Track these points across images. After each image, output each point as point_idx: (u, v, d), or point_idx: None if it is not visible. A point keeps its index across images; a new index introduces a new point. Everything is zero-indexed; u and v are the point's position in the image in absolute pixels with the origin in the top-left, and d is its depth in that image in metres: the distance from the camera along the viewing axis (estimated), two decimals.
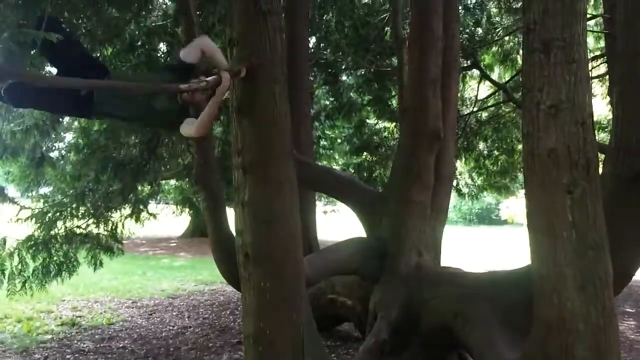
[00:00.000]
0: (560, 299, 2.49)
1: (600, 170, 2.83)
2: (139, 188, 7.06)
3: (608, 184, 3.01)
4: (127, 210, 6.71)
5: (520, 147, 9.73)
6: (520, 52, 10.52)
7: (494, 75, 9.63)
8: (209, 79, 2.64)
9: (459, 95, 7.38)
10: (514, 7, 8.94)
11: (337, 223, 17.81)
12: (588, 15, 8.65)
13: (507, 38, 9.67)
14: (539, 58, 2.50)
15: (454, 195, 10.25)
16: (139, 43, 6.20)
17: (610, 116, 5.90)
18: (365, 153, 9.45)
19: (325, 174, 5.21)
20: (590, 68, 9.83)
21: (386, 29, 7.50)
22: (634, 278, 8.58)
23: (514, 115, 9.00)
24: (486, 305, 3.54)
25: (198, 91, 2.68)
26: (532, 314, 2.70)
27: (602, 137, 8.69)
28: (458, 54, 5.15)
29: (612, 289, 2.48)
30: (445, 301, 3.87)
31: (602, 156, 3.43)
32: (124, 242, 6.65)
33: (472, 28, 7.91)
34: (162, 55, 6.62)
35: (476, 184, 9.86)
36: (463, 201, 17.53)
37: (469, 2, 8.15)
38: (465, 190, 10.02)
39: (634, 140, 2.92)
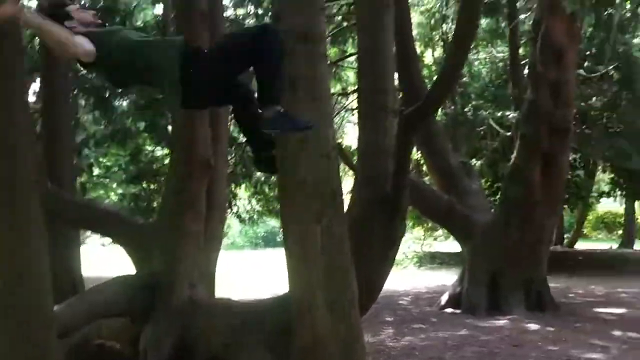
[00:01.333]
0: (314, 320, 2.64)
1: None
2: None
3: (357, 208, 3.30)
4: None
5: None
6: None
7: None
8: None
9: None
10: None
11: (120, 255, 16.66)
12: (351, 52, 9.61)
13: None
14: (286, 95, 2.64)
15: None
16: None
17: None
18: (142, 182, 9.04)
19: (85, 209, 4.81)
20: (350, 101, 10.97)
21: None
22: (393, 288, 9.45)
23: None
24: (254, 333, 3.59)
25: None
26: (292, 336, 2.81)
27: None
28: None
29: (358, 307, 2.70)
30: (217, 332, 3.84)
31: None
32: None
33: None
34: None
35: (255, 210, 10.13)
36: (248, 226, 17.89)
37: None
38: (245, 215, 10.22)
39: (377, 169, 3.25)
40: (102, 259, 13.48)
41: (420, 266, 15.00)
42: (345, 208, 3.22)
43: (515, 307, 7.24)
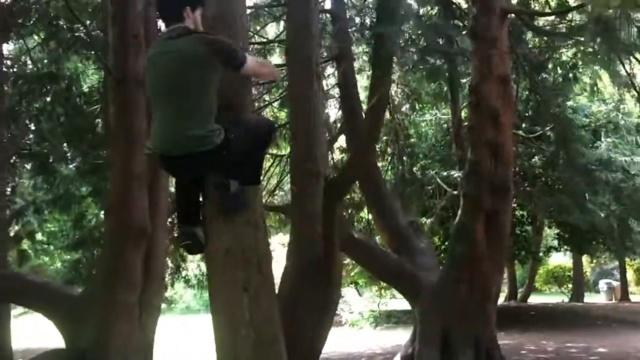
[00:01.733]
0: None
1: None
2: None
3: (290, 274, 3.26)
4: None
5: None
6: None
7: None
8: None
9: None
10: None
11: None
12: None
13: None
14: None
15: None
16: None
17: None
18: (85, 248, 8.73)
19: (8, 281, 4.58)
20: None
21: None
22: (347, 351, 9.31)
23: None
24: None
25: None
26: None
27: None
28: None
29: None
30: None
31: None
32: None
33: None
34: None
35: (204, 274, 9.90)
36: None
37: None
38: (194, 280, 9.96)
39: (308, 234, 3.24)
40: (46, 329, 12.78)
41: (376, 326, 14.84)
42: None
43: None
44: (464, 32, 8.72)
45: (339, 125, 9.96)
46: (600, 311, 16.42)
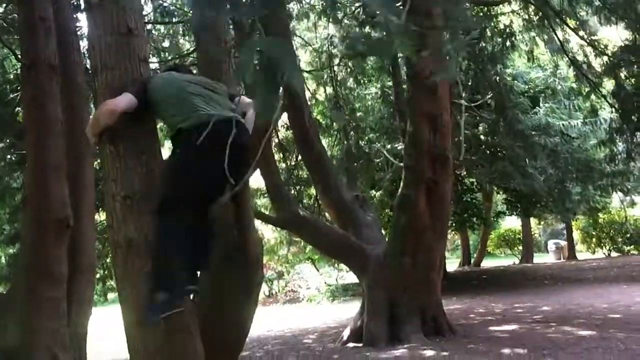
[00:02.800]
0: None
1: None
2: None
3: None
4: None
5: None
6: None
7: None
8: None
9: None
10: None
11: None
12: None
13: None
14: (109, 150, 2.53)
15: None
16: None
17: None
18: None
19: None
20: None
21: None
22: (302, 326, 9.23)
23: None
24: None
25: None
26: None
27: None
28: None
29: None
30: None
31: None
32: None
33: None
34: None
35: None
36: None
37: None
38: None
39: (224, 223, 3.15)
40: None
41: (333, 300, 15.01)
42: None
43: (413, 335, 7.32)
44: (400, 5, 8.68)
45: None
46: (548, 271, 17.06)
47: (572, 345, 6.37)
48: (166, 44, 9.73)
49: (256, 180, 10.28)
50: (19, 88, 6.90)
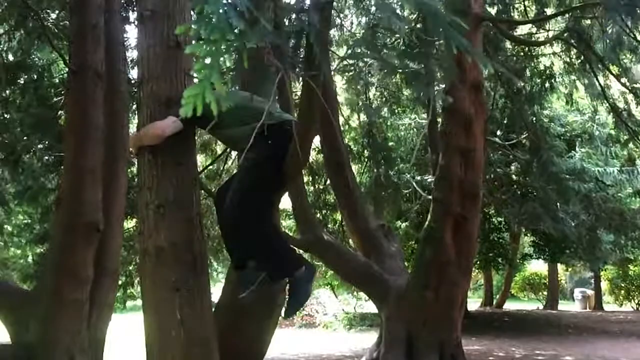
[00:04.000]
0: None
1: None
2: None
3: (234, 278, 3.19)
4: None
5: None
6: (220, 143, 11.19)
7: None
8: None
9: None
10: None
11: None
12: None
13: None
14: (148, 158, 2.57)
15: None
16: None
17: None
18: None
19: None
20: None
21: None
22: (317, 352, 9.22)
23: (209, 203, 9.35)
24: None
25: None
26: None
27: None
28: (127, 144, 5.11)
29: None
30: None
31: None
32: None
33: None
34: None
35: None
36: None
37: None
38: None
39: None
40: None
41: (350, 328, 14.81)
42: None
43: None
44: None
45: None
46: (573, 319, 16.56)
47: None
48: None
49: (283, 201, 10.33)
50: (62, 92, 7.12)
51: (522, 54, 10.22)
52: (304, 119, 2.33)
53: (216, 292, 3.63)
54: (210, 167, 9.59)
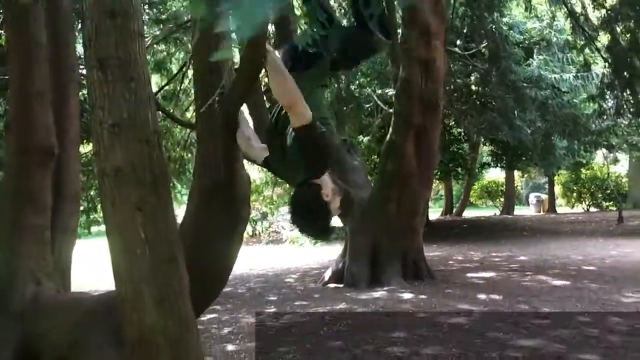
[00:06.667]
0: (140, 316, 2.51)
1: None
2: None
3: (196, 196, 3.17)
4: None
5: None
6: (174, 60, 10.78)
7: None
8: None
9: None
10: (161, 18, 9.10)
11: None
12: None
13: (158, 47, 9.78)
14: (97, 76, 2.45)
15: None
16: None
17: None
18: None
19: None
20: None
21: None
22: (285, 267, 9.50)
23: (169, 125, 9.16)
24: (101, 329, 3.39)
25: None
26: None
27: None
28: (75, 64, 4.87)
29: (188, 298, 2.60)
30: (62, 332, 3.57)
31: None
32: None
33: None
34: None
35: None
36: None
37: None
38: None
39: (213, 155, 3.11)
40: None
41: (315, 243, 15.21)
42: None
43: (393, 278, 7.50)
44: None
45: None
46: (527, 223, 17.43)
47: (545, 293, 6.58)
48: None
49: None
50: (1, 11, 6.63)
51: None
52: None
53: (180, 214, 3.63)
54: (167, 87, 9.28)
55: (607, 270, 8.23)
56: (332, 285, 7.95)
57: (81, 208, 9.69)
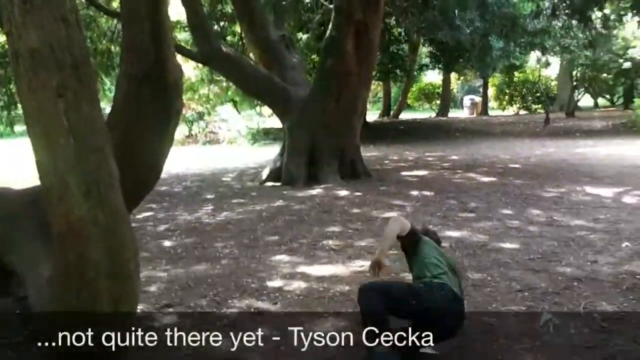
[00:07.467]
0: (67, 208, 2.40)
1: None
2: None
3: (124, 84, 2.99)
4: None
5: None
6: None
7: None
8: None
9: None
10: None
11: None
12: None
13: None
14: None
15: None
16: None
17: None
18: None
19: None
20: None
21: None
22: (221, 166, 9.42)
23: (93, 14, 8.49)
24: (29, 222, 3.28)
25: None
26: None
27: None
28: None
29: (119, 190, 2.51)
30: None
31: None
32: None
33: None
34: None
35: None
36: None
37: None
38: None
39: (140, 40, 2.90)
40: None
41: (253, 143, 15.12)
42: None
43: (331, 176, 7.63)
44: None
45: None
46: (461, 125, 17.96)
47: (474, 189, 6.91)
48: None
49: (176, 11, 9.56)
50: None
51: None
52: None
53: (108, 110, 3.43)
54: None
55: (532, 167, 8.70)
56: (269, 183, 7.99)
57: (0, 104, 9.09)
